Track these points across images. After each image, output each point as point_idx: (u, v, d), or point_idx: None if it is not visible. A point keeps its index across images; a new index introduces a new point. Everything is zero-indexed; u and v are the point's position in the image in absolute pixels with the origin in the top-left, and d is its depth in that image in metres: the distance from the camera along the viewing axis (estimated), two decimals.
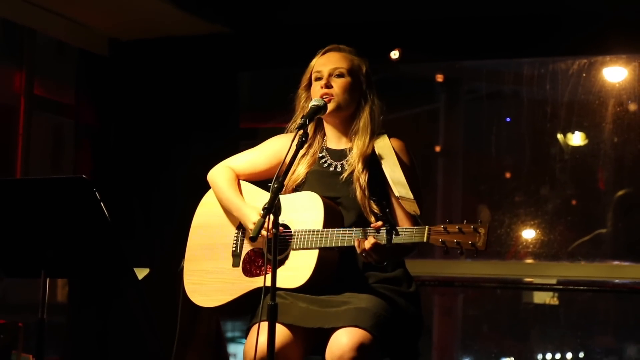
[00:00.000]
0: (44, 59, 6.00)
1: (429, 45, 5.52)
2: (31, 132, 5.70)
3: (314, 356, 3.35)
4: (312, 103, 3.39)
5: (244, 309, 3.46)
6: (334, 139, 3.55)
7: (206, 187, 3.65)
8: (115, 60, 5.97)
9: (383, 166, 3.39)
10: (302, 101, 3.55)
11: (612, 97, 5.94)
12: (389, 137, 3.50)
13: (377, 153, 3.43)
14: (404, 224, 3.38)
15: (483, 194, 6.64)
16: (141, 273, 3.93)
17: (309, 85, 3.54)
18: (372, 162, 3.43)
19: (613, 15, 5.13)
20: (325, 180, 3.47)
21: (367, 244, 3.16)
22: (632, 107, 5.93)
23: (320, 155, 3.54)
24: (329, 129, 3.56)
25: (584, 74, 5.97)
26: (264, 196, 3.47)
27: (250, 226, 3.38)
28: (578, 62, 5.95)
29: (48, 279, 3.28)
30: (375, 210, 3.36)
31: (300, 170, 3.50)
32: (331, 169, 3.50)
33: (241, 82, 6.08)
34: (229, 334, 7.19)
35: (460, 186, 6.80)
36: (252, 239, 3.04)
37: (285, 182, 3.37)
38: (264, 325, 3.03)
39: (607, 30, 5.13)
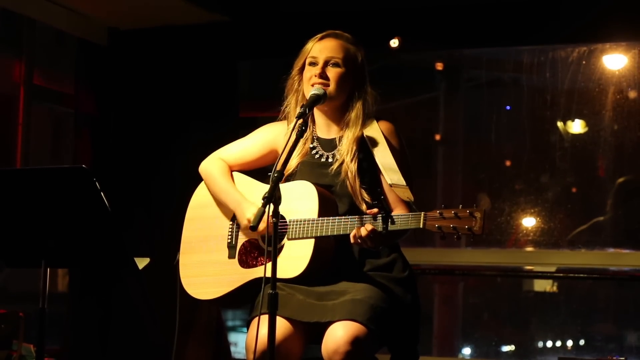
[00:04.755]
0: (44, 48, 5.99)
1: (428, 34, 5.51)
2: (31, 122, 5.69)
3: (314, 345, 3.35)
4: (312, 92, 3.36)
5: (242, 300, 3.47)
6: (324, 128, 3.52)
7: None
8: (114, 49, 5.96)
9: (374, 153, 3.36)
10: (296, 85, 3.51)
11: (612, 85, 5.93)
12: (378, 119, 3.48)
13: (366, 139, 3.41)
14: (396, 208, 3.38)
15: (483, 182, 6.64)
16: (141, 262, 3.93)
17: (303, 68, 3.50)
18: (361, 149, 3.41)
19: (613, 3, 5.12)
20: (316, 171, 3.45)
21: (364, 230, 3.15)
22: (632, 94, 5.92)
23: (312, 145, 3.51)
24: (319, 116, 3.53)
25: (584, 62, 5.96)
26: (258, 186, 3.48)
27: (244, 222, 3.37)
28: (578, 50, 5.94)
29: (48, 269, 3.28)
30: (367, 199, 3.35)
31: (292, 160, 3.45)
32: (322, 159, 3.48)
33: (240, 71, 6.07)
34: (230, 323, 7.20)
35: (460, 174, 6.80)
36: (253, 229, 3.03)
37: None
38: (265, 318, 3.02)
39: (607, 18, 5.11)
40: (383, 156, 3.35)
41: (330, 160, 3.46)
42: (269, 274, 2.96)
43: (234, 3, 5.71)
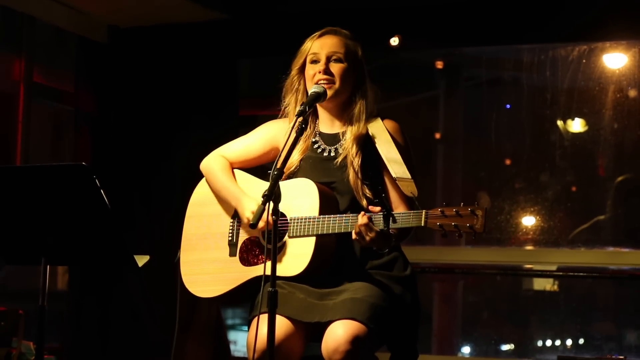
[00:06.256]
0: (44, 46, 5.99)
1: (428, 32, 5.51)
2: (31, 120, 5.69)
3: (314, 343, 3.35)
4: (312, 90, 3.37)
5: (243, 298, 3.47)
6: (327, 123, 3.53)
7: None
8: (114, 47, 5.96)
9: (377, 146, 3.36)
10: (296, 84, 3.51)
11: (612, 84, 5.93)
12: (382, 118, 3.48)
13: (370, 135, 3.41)
14: (398, 207, 3.37)
15: (483, 181, 6.64)
16: (141, 260, 3.93)
17: (303, 67, 3.51)
18: (365, 144, 3.41)
19: (613, 1, 5.12)
20: (319, 166, 3.45)
21: (360, 224, 3.13)
22: (632, 93, 5.92)
23: (314, 140, 3.51)
24: (322, 112, 3.53)
25: (584, 60, 5.96)
26: (258, 184, 3.48)
27: (247, 215, 3.37)
28: (578, 49, 5.94)
29: (48, 266, 3.28)
30: (368, 194, 3.35)
31: (293, 157, 3.45)
32: (325, 154, 3.48)
33: (240, 68, 6.07)
34: (230, 321, 7.20)
35: (460, 173, 6.80)
36: (252, 226, 3.03)
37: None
38: (265, 317, 3.02)
39: (607, 16, 5.12)
40: (388, 151, 3.34)
41: (332, 154, 3.46)
42: (268, 273, 2.96)
43: (234, 1, 5.71)
